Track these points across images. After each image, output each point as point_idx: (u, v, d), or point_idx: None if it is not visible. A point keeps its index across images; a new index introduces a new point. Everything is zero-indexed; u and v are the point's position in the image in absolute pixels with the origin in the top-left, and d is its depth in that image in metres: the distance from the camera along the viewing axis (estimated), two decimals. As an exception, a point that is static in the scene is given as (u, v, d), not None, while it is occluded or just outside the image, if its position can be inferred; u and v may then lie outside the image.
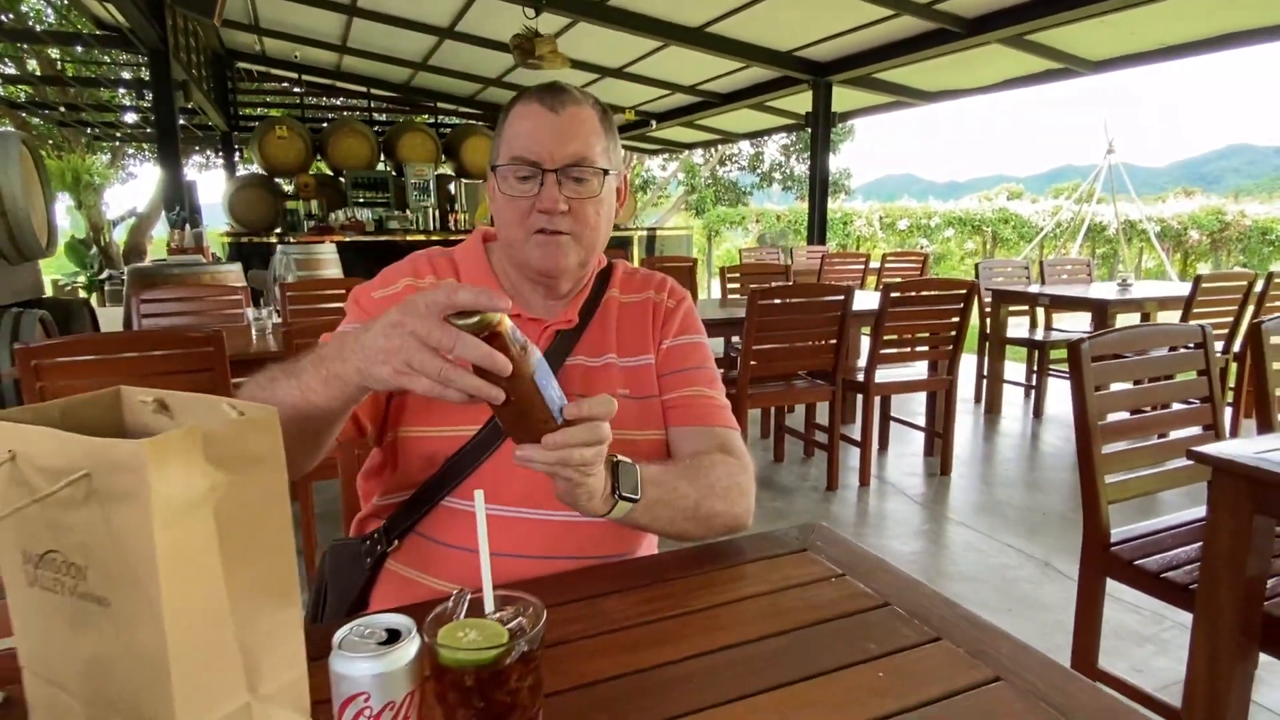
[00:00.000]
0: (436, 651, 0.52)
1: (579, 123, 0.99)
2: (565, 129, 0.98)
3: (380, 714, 0.50)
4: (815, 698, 0.69)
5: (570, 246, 1.01)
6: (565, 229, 0.99)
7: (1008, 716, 0.66)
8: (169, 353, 2.10)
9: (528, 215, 0.99)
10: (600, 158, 1.00)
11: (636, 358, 1.09)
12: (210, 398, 0.68)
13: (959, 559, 2.85)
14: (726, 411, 1.10)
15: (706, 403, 1.08)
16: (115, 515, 0.55)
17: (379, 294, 1.03)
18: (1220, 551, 1.41)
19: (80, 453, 0.55)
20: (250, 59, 9.98)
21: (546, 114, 0.98)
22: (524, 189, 0.98)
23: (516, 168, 0.98)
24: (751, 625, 0.81)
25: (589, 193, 1.00)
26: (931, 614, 0.82)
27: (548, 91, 1.00)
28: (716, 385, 1.12)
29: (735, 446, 1.06)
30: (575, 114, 0.99)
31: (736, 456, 1.04)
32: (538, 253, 1.00)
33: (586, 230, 1.01)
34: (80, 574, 0.58)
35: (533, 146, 0.97)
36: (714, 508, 0.97)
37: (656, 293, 1.14)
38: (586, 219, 1.01)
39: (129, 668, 0.57)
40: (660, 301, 1.14)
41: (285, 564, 0.64)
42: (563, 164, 0.97)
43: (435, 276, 1.06)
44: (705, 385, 1.10)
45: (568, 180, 0.98)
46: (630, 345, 1.09)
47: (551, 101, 0.98)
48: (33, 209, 3.62)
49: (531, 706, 0.54)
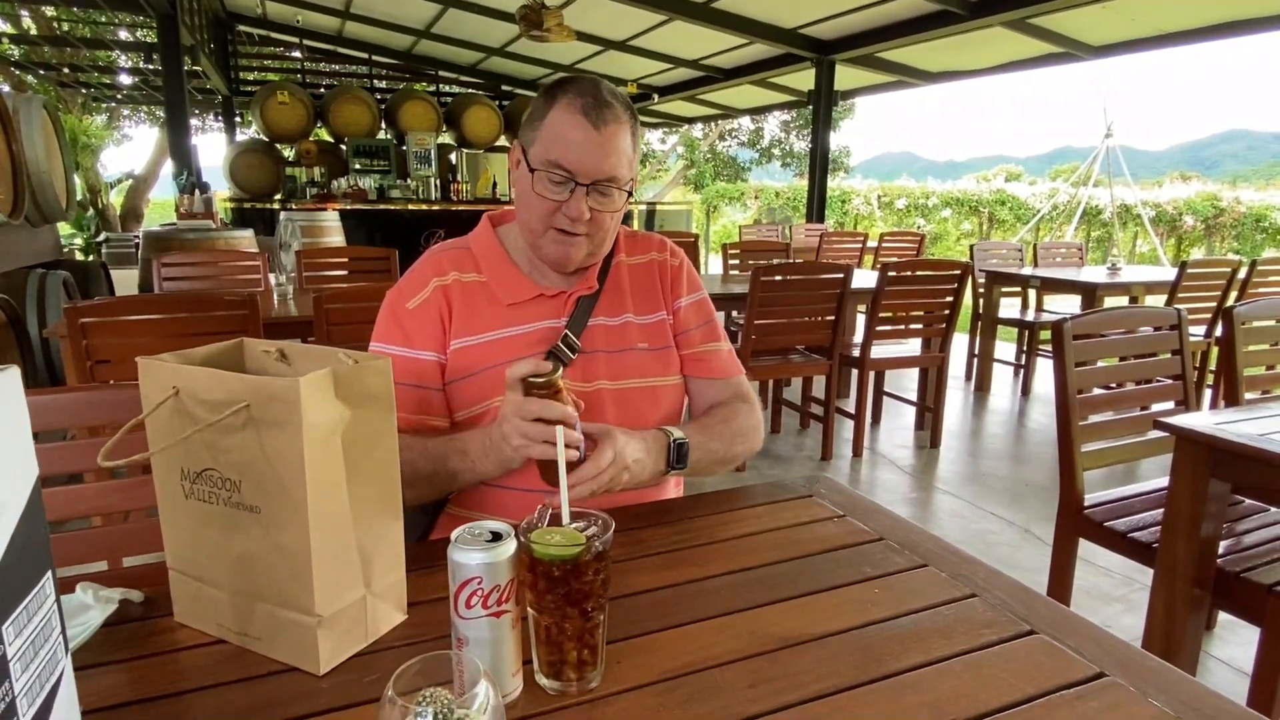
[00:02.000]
0: (530, 549, 0.66)
1: (616, 142, 1.07)
2: (603, 147, 1.06)
3: (489, 595, 0.63)
4: (820, 607, 0.83)
5: (584, 245, 1.12)
6: (583, 232, 1.10)
7: (980, 623, 0.80)
8: (207, 315, 2.22)
9: (552, 214, 1.09)
10: (626, 175, 1.10)
11: (651, 315, 1.23)
12: (324, 348, 0.82)
13: (944, 524, 3.01)
14: (736, 359, 1.28)
15: (721, 356, 1.26)
16: (268, 438, 0.68)
17: (413, 304, 1.13)
18: (1180, 511, 1.56)
19: (241, 387, 0.69)
20: (252, 23, 9.93)
21: (590, 130, 1.05)
22: (555, 192, 1.07)
23: (552, 173, 1.06)
24: (766, 553, 0.95)
25: (611, 206, 1.10)
26: (919, 546, 0.97)
27: (593, 103, 1.05)
28: (723, 335, 1.29)
29: (746, 391, 1.25)
30: (614, 132, 1.06)
31: (749, 401, 1.24)
32: (553, 248, 1.12)
33: (600, 233, 1.12)
34: (235, 487, 0.71)
35: (571, 158, 1.05)
36: (737, 449, 1.18)
37: (659, 253, 1.28)
38: (603, 224, 1.11)
39: (275, 563, 0.71)
40: (665, 261, 1.27)
41: (391, 484, 0.78)
42: (594, 180, 1.07)
43: (458, 272, 1.16)
44: (717, 340, 1.27)
45: (595, 193, 1.08)
46: (644, 304, 1.23)
47: (595, 117, 1.05)
48: (54, 172, 3.70)
49: (603, 596, 0.68)
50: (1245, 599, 1.55)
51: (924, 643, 0.76)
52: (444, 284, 1.15)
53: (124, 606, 0.80)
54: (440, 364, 1.12)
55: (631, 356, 1.18)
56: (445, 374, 1.13)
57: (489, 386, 1.11)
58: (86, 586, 0.80)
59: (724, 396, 1.23)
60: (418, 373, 1.11)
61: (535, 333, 1.14)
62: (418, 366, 1.11)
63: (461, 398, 1.12)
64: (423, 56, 10.51)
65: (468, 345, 1.12)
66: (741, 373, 1.27)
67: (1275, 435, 1.43)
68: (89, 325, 2.09)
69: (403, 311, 1.14)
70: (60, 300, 3.73)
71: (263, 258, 3.57)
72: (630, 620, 0.79)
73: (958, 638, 0.77)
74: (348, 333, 2.34)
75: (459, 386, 1.12)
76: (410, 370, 1.10)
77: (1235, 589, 1.56)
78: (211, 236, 4.72)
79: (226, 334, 2.29)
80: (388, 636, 0.77)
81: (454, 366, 1.12)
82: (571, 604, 0.66)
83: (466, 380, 1.12)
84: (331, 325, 2.33)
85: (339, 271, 3.92)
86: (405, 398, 1.08)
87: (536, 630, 0.68)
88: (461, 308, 1.14)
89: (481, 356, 1.12)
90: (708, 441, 1.13)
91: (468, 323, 1.13)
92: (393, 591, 0.78)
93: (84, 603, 0.78)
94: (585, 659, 0.68)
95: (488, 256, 1.19)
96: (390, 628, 0.78)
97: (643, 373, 1.18)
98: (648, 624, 0.78)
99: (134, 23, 9.91)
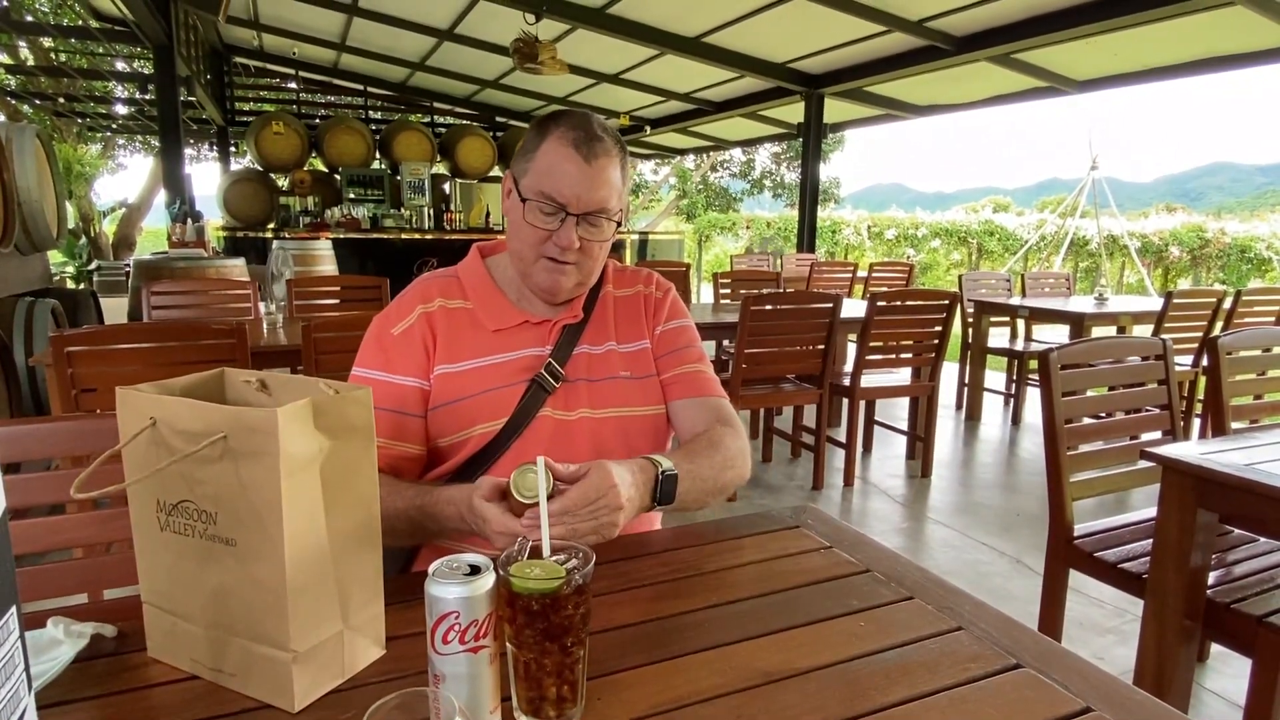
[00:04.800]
0: (509, 582, 0.65)
1: (607, 174, 1.10)
2: (594, 180, 1.09)
3: (466, 629, 0.62)
4: (806, 640, 0.82)
5: (573, 274, 1.14)
6: (572, 260, 1.12)
7: (965, 656, 0.79)
8: (193, 343, 2.21)
9: (543, 243, 1.11)
10: (616, 206, 1.13)
11: (634, 344, 1.23)
12: (305, 378, 0.81)
13: (935, 554, 3.00)
14: (716, 382, 1.26)
15: (699, 376, 1.24)
16: (246, 470, 0.68)
17: (398, 329, 1.15)
18: (1168, 542, 1.55)
19: (219, 418, 0.68)
20: (248, 54, 10.03)
21: (581, 163, 1.08)
22: (546, 222, 1.10)
23: (543, 204, 1.09)
24: (752, 585, 0.94)
25: (600, 236, 1.13)
26: (906, 578, 0.96)
27: (584, 136, 1.09)
28: (705, 360, 1.27)
29: (728, 414, 1.22)
30: (605, 166, 1.10)
31: (733, 425, 1.20)
32: (543, 276, 1.14)
33: (589, 262, 1.15)
34: (211, 519, 0.70)
35: (563, 190, 1.08)
36: (726, 478, 1.13)
37: (645, 286, 1.29)
38: (592, 254, 1.14)
39: (250, 597, 0.70)
40: (650, 293, 1.28)
41: (371, 516, 0.77)
42: (585, 211, 1.10)
43: (444, 299, 1.18)
44: (696, 361, 1.25)
45: (584, 223, 1.10)
46: (627, 333, 1.24)
47: (586, 150, 1.08)
48: (45, 200, 3.71)
49: (584, 630, 0.67)
50: (1236, 630, 1.54)
51: (909, 677, 0.75)
52: (429, 310, 1.16)
53: (96, 641, 0.79)
54: (422, 390, 1.13)
55: (614, 385, 1.18)
56: (429, 400, 1.13)
57: (472, 413, 1.11)
58: (58, 621, 0.78)
59: (706, 418, 1.20)
60: (396, 397, 1.11)
61: (520, 360, 1.15)
62: (397, 391, 1.11)
63: (443, 424, 1.12)
64: (417, 88, 10.62)
65: (451, 371, 1.13)
66: (724, 396, 1.25)
67: (1262, 465, 1.43)
68: (75, 354, 2.07)
69: (387, 338, 1.14)
70: (48, 328, 3.71)
71: (253, 286, 3.57)
72: (612, 655, 0.77)
73: (943, 672, 0.76)
74: (336, 361, 2.34)
75: (441, 413, 1.12)
76: (388, 395, 1.10)
77: (1226, 620, 1.55)
78: (202, 265, 4.72)
79: (213, 363, 2.26)
80: (365, 672, 0.75)
81: (437, 392, 1.12)
82: (551, 639, 0.65)
83: (449, 406, 1.12)
84: (320, 354, 2.33)
85: (330, 300, 3.92)
86: (380, 422, 1.07)
87: (515, 666, 0.67)
88: (446, 334, 1.14)
89: (465, 383, 1.12)
90: (696, 469, 1.08)
91: (452, 349, 1.14)
92: (371, 626, 0.77)
93: (54, 638, 0.77)
94: (565, 695, 0.67)
95: (475, 285, 1.20)
96: (368, 663, 0.76)
97: (625, 401, 1.18)
98: (630, 659, 0.77)
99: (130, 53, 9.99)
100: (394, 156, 9.30)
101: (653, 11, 6.14)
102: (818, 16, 5.56)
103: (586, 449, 1.13)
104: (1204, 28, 4.81)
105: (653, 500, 1.01)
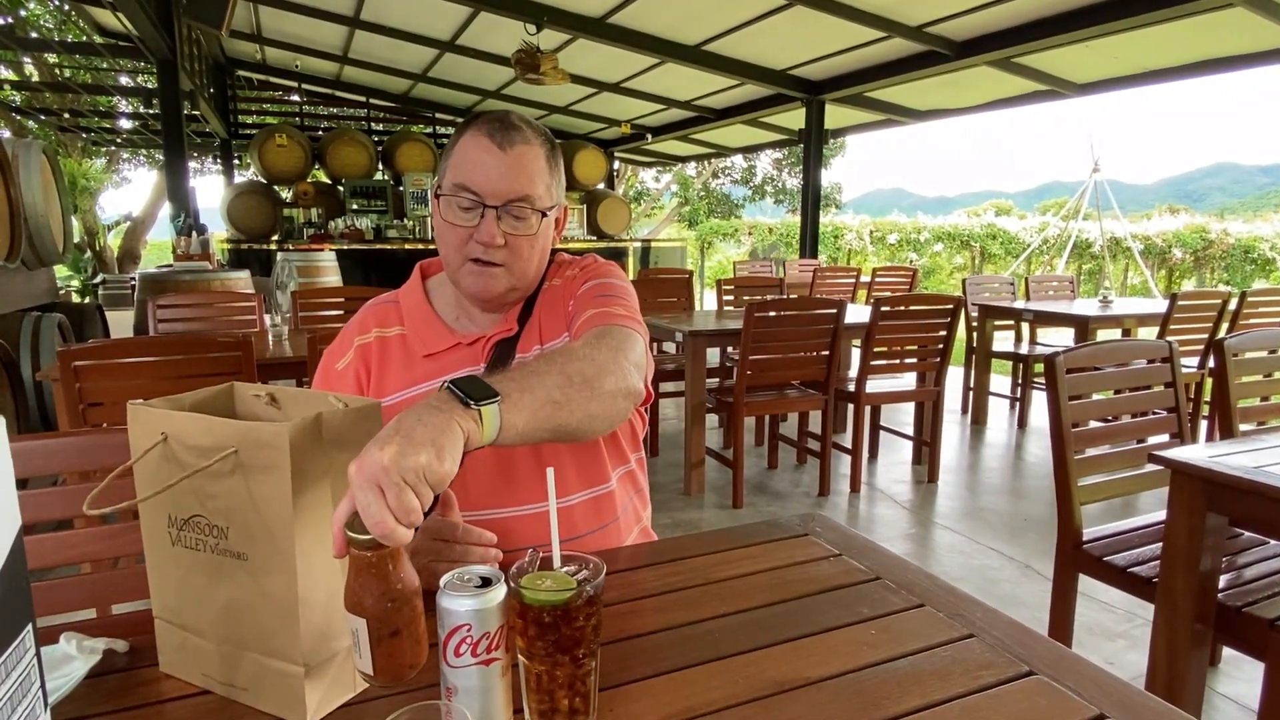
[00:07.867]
0: (521, 594, 0.65)
1: (525, 162, 1.04)
2: (511, 167, 1.03)
3: (479, 642, 0.62)
4: (816, 649, 0.82)
5: (502, 276, 1.07)
6: (499, 260, 1.06)
7: (977, 664, 0.79)
8: (199, 356, 2.22)
9: (465, 243, 1.05)
10: (541, 198, 1.06)
11: (559, 338, 1.12)
12: (314, 392, 0.82)
13: (943, 560, 2.98)
14: (626, 317, 1.05)
15: (606, 314, 1.05)
16: (256, 484, 0.68)
17: (340, 365, 1.13)
18: (1178, 546, 1.55)
19: (229, 433, 0.68)
20: (251, 67, 10.10)
21: (494, 150, 1.03)
22: (464, 218, 1.04)
23: (459, 197, 1.04)
24: (761, 594, 0.94)
25: (526, 230, 1.06)
26: (916, 585, 0.96)
27: (499, 126, 1.04)
28: (618, 303, 1.08)
29: (610, 329, 1.00)
30: (523, 153, 1.04)
31: (608, 334, 0.98)
32: (470, 280, 1.08)
33: (519, 262, 1.08)
34: (222, 534, 0.70)
35: (477, 179, 1.03)
36: (572, 368, 0.87)
37: (571, 270, 1.19)
38: (521, 253, 1.07)
39: (261, 611, 0.70)
40: (574, 277, 1.17)
41: (381, 530, 0.77)
42: (503, 201, 1.03)
43: (380, 329, 1.15)
44: (603, 306, 1.07)
45: (507, 216, 1.04)
46: (551, 329, 1.13)
47: (501, 138, 1.03)
48: (50, 215, 3.73)
49: (595, 641, 0.67)
50: (1248, 634, 1.53)
51: (921, 685, 0.75)
52: (365, 343, 1.14)
53: (108, 656, 0.79)
54: None
55: None
56: None
57: None
58: (70, 636, 0.78)
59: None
60: None
61: None
62: None
63: None
64: (420, 100, 10.67)
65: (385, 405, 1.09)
66: (632, 327, 1.03)
67: (1270, 467, 1.42)
68: (82, 368, 2.08)
69: (332, 373, 1.14)
70: (54, 343, 3.72)
71: (258, 299, 3.58)
72: (623, 666, 0.77)
73: (955, 679, 0.76)
74: (342, 373, 2.34)
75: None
76: None
77: (1237, 624, 1.54)
78: (207, 278, 4.74)
79: (220, 376, 2.29)
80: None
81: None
82: (563, 650, 0.65)
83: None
84: (326, 366, 2.33)
85: (334, 311, 3.93)
86: None
87: (527, 678, 0.67)
88: (379, 367, 1.13)
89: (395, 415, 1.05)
90: (533, 361, 0.89)
91: (383, 381, 1.12)
92: (382, 639, 0.77)
93: (67, 653, 0.77)
94: (577, 707, 0.67)
95: (411, 308, 1.17)
96: (379, 676, 0.76)
97: None
98: (641, 669, 0.77)
99: (134, 68, 10.07)
100: (396, 167, 9.33)
101: (653, 20, 6.17)
102: (818, 23, 5.58)
103: (529, 463, 1.07)
104: (1204, 30, 4.82)
105: (465, 404, 0.74)
